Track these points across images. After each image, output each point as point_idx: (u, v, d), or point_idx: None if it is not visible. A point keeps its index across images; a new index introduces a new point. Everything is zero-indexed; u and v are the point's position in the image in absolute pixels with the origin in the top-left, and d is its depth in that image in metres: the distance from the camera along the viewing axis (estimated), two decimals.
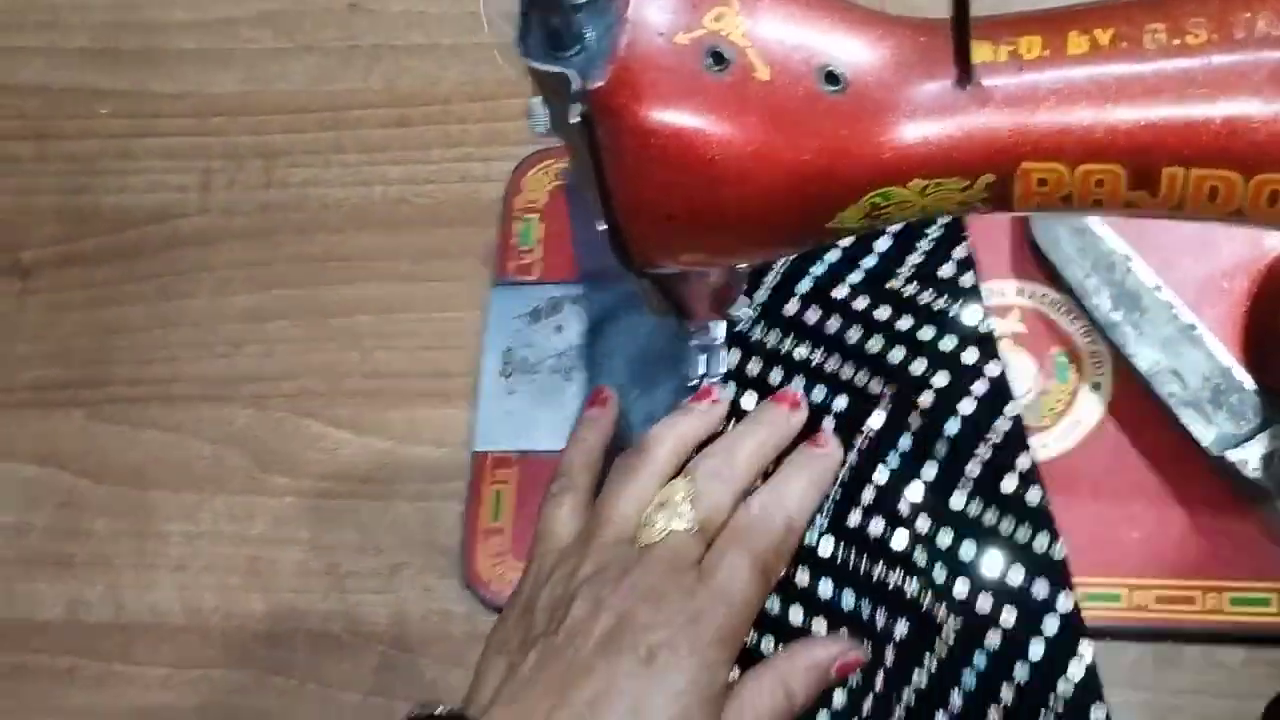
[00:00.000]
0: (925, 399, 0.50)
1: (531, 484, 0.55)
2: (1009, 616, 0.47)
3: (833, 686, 0.46)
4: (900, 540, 0.48)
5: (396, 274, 0.61)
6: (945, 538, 0.48)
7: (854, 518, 0.49)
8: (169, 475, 0.60)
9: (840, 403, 0.51)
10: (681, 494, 0.45)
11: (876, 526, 0.49)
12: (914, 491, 0.49)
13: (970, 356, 0.50)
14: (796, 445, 0.49)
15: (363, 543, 0.56)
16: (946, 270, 0.53)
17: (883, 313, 0.52)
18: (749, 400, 0.52)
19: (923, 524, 0.48)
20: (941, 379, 0.50)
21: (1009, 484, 0.48)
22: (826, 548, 0.49)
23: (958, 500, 0.49)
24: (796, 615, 0.48)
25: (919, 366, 0.51)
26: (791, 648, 0.46)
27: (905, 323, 0.51)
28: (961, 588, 0.47)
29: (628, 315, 0.57)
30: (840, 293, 0.53)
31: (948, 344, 0.51)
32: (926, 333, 0.51)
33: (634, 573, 0.43)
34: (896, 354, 0.51)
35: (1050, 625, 0.46)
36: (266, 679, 0.55)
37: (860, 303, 0.52)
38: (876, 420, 0.50)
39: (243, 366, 0.61)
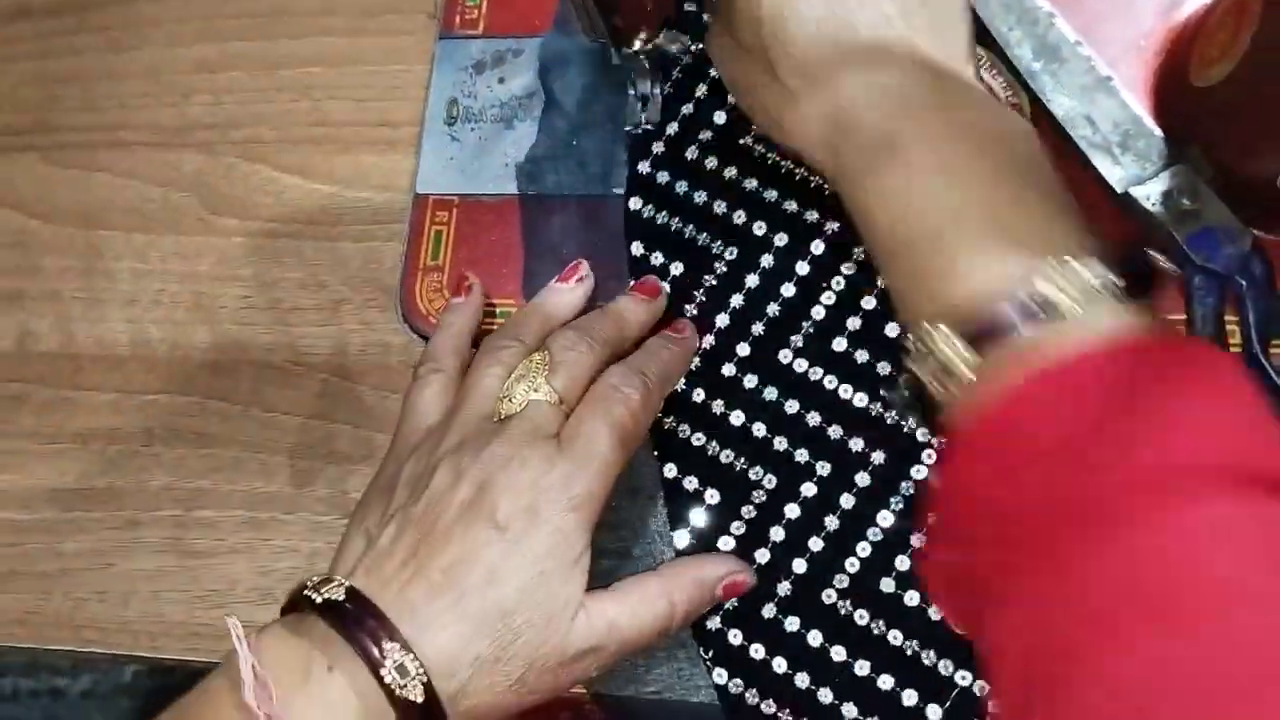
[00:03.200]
0: None
1: (470, 226, 0.56)
2: None
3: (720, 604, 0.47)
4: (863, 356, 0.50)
5: (347, 29, 0.62)
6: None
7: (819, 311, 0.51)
8: (119, 217, 0.61)
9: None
10: (539, 366, 0.46)
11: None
12: None
13: None
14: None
15: (306, 279, 0.58)
16: None
17: None
18: (673, 127, 0.54)
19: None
20: None
21: None
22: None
23: None
24: (737, 418, 0.50)
25: None
26: (681, 560, 0.47)
27: None
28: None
29: (569, 67, 0.58)
30: None
31: None
32: None
33: (494, 443, 0.43)
34: None
35: None
36: (210, 404, 0.57)
37: None
38: None
39: (192, 115, 0.62)
